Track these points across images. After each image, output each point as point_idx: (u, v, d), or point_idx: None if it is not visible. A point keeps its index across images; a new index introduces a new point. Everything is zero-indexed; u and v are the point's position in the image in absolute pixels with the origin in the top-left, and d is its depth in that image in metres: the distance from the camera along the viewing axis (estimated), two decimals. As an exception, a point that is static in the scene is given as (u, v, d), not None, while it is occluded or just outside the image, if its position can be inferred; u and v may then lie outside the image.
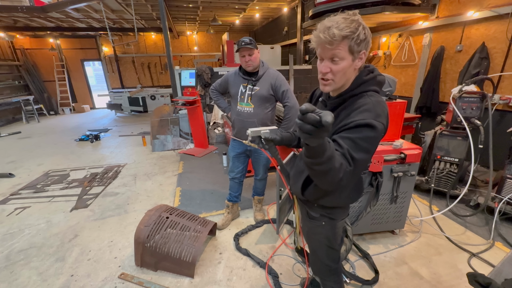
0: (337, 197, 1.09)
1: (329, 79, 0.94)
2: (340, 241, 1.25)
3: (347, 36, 0.84)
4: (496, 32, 3.14)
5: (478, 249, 2.10)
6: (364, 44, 0.89)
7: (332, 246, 1.24)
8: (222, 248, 2.20)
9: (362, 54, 0.90)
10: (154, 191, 3.25)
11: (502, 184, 2.42)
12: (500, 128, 3.14)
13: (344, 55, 0.88)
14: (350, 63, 0.90)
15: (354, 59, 0.90)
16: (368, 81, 0.96)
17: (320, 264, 1.33)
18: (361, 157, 0.84)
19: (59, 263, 2.08)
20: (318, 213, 1.17)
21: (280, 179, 1.76)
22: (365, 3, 3.52)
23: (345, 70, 0.91)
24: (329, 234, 1.20)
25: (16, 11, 5.45)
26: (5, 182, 3.64)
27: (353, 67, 0.92)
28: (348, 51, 0.87)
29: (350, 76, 0.94)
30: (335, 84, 0.95)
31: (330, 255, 1.27)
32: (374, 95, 0.95)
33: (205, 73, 4.83)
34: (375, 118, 0.86)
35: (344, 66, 0.90)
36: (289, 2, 6.58)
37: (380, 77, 0.99)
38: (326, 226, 1.18)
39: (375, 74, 0.98)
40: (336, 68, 0.90)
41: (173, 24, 8.31)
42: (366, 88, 0.95)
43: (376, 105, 0.90)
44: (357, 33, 0.85)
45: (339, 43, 0.85)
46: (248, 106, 2.10)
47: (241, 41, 1.95)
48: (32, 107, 7.90)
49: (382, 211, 2.13)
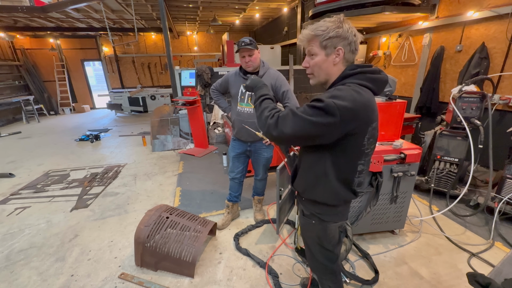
0: (321, 190, 1.09)
1: (309, 73, 1.08)
2: (334, 244, 1.23)
3: (316, 34, 0.98)
4: (496, 32, 3.14)
5: (478, 249, 2.10)
6: (337, 41, 0.97)
7: (323, 246, 1.23)
8: (222, 248, 2.20)
9: (339, 50, 0.98)
10: (154, 191, 3.25)
11: (502, 184, 2.42)
12: (500, 128, 3.14)
13: (317, 51, 1.01)
14: (324, 57, 1.00)
15: (328, 54, 0.99)
16: (353, 75, 0.99)
17: (315, 261, 1.33)
18: (298, 114, 0.91)
19: (59, 263, 2.08)
20: (309, 211, 1.19)
21: (280, 179, 1.77)
22: (365, 3, 3.52)
23: (320, 64, 1.02)
24: (320, 234, 1.20)
25: (16, 11, 5.46)
26: (5, 182, 3.64)
27: (330, 62, 1.00)
28: (320, 47, 0.99)
29: (329, 71, 1.02)
30: (315, 77, 1.07)
31: (324, 255, 1.26)
32: (351, 86, 0.95)
33: (205, 73, 4.83)
34: (329, 98, 0.90)
35: (318, 60, 1.02)
36: (289, 2, 6.58)
37: (374, 75, 0.99)
38: (317, 226, 1.18)
39: (364, 70, 0.98)
40: (312, 62, 1.04)
41: (173, 24, 8.31)
42: (349, 81, 0.98)
43: (340, 90, 0.93)
44: (326, 31, 0.96)
45: (311, 40, 1.01)
46: (248, 107, 2.10)
47: (241, 41, 1.95)
48: (32, 107, 7.91)
49: (382, 211, 2.13)
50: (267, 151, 2.27)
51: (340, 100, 0.88)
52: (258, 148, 2.25)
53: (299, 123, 0.90)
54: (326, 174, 1.05)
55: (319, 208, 1.15)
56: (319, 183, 1.09)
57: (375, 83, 1.00)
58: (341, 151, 1.00)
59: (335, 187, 1.07)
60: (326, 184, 1.07)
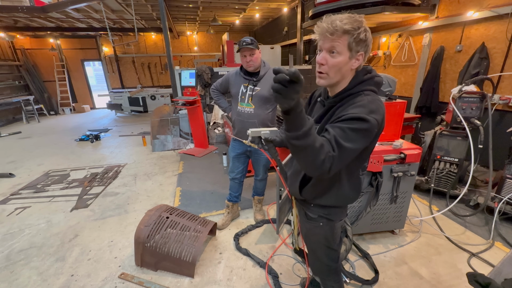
0: (334, 196, 1.09)
1: (324, 73, 0.95)
2: (339, 241, 1.25)
3: (348, 31, 0.86)
4: (496, 32, 3.14)
5: (478, 249, 2.10)
6: (362, 45, 0.90)
7: (330, 246, 1.24)
8: (222, 248, 2.20)
9: (360, 55, 0.92)
10: (154, 191, 3.25)
11: (502, 184, 2.42)
12: (500, 128, 3.14)
13: (342, 50, 0.89)
14: (347, 60, 0.91)
15: (351, 57, 0.91)
16: (366, 80, 0.97)
17: (319, 264, 1.33)
18: (348, 146, 0.83)
19: (59, 263, 2.08)
20: (316, 214, 1.17)
21: (280, 180, 1.77)
22: (365, 3, 3.52)
23: (340, 66, 0.92)
24: (328, 234, 1.20)
25: (17, 11, 5.45)
26: (5, 182, 3.64)
27: (349, 66, 0.93)
28: (347, 46, 0.89)
29: (345, 74, 0.95)
30: (329, 78, 0.95)
31: (329, 255, 1.27)
32: (371, 94, 0.95)
33: (205, 73, 4.83)
34: (368, 114, 0.86)
35: (340, 61, 0.91)
36: (289, 2, 6.58)
37: (377, 78, 1.01)
38: (325, 227, 1.18)
39: (372, 75, 0.99)
40: (332, 61, 0.91)
41: (173, 24, 8.31)
42: (363, 88, 0.96)
43: (371, 102, 0.91)
44: (359, 31, 0.87)
45: (340, 35, 0.88)
46: (249, 107, 2.10)
47: (242, 41, 1.95)
48: (32, 107, 7.91)
49: (382, 211, 2.13)
50: (267, 151, 2.27)
51: (377, 114, 0.89)
52: (258, 149, 2.25)
53: (351, 153, 0.86)
54: (341, 179, 1.05)
55: (327, 209, 1.15)
56: (332, 190, 1.08)
57: (379, 86, 1.02)
58: (357, 157, 0.96)
59: (347, 191, 1.08)
60: (339, 189, 1.07)
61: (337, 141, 0.83)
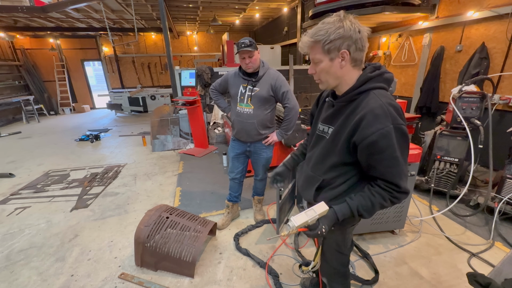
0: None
1: (317, 79, 1.03)
2: (349, 246, 1.24)
3: (316, 40, 0.92)
4: (496, 32, 3.14)
5: (478, 249, 2.10)
6: (340, 42, 0.89)
7: (341, 251, 1.24)
8: (222, 248, 2.20)
9: (343, 53, 0.91)
10: (154, 191, 3.25)
11: (502, 184, 2.42)
12: (500, 128, 3.14)
13: (320, 57, 0.95)
14: (329, 63, 0.95)
15: (333, 59, 0.93)
16: (374, 77, 0.95)
17: (328, 267, 1.33)
18: (401, 167, 0.92)
19: (59, 263, 2.08)
20: None
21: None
22: (365, 3, 3.52)
23: (326, 69, 0.96)
24: (339, 239, 1.20)
25: (16, 11, 5.46)
26: (5, 182, 3.64)
27: (337, 66, 0.94)
28: (322, 52, 0.93)
29: (340, 74, 0.96)
30: (324, 83, 1.02)
31: (339, 259, 1.27)
32: (382, 93, 0.94)
33: (205, 73, 4.82)
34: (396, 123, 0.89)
35: (324, 66, 0.96)
36: (289, 2, 6.59)
37: (387, 75, 0.98)
38: (336, 232, 1.17)
39: (382, 71, 0.97)
40: (318, 69, 0.99)
41: (173, 24, 8.31)
42: (372, 85, 0.94)
43: (388, 108, 0.90)
44: (326, 36, 0.89)
45: (311, 47, 0.95)
46: (248, 107, 2.09)
47: (240, 43, 1.93)
48: (32, 107, 7.90)
49: (382, 211, 2.13)
50: (266, 152, 2.27)
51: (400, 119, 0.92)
52: (258, 149, 2.25)
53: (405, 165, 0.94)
54: (359, 179, 1.05)
55: None
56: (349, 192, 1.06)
57: (389, 83, 1.00)
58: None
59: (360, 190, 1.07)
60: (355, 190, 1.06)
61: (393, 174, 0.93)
